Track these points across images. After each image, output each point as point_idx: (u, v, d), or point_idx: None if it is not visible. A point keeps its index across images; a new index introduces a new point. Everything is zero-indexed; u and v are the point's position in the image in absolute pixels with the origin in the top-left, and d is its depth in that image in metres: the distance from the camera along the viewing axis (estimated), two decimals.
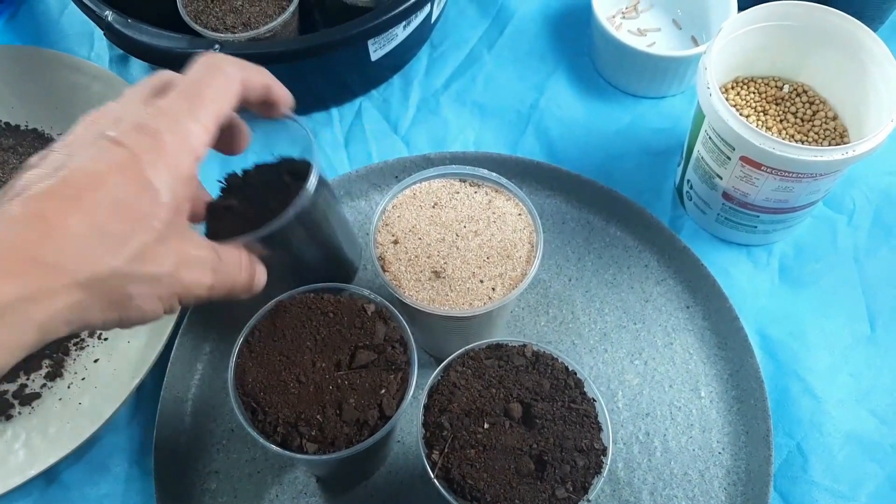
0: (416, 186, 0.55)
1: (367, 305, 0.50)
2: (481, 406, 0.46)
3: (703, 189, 0.64)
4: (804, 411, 0.60)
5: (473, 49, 0.78)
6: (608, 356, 0.62)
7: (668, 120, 0.73)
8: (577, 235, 0.67)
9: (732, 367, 0.61)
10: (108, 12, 0.64)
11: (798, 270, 0.66)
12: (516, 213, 0.53)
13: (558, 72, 0.77)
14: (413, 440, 0.59)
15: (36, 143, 0.72)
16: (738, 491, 0.57)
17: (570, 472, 0.44)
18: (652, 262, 0.66)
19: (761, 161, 0.56)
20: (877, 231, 0.67)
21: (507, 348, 0.49)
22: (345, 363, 0.48)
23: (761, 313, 0.64)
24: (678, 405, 0.60)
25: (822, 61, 0.62)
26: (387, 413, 0.47)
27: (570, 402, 0.47)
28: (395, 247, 0.52)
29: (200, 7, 0.68)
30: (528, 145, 0.73)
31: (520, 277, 0.51)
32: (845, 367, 0.62)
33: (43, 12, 0.82)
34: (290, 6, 0.68)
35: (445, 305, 0.51)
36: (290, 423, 0.46)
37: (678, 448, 0.59)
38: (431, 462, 0.45)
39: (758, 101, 0.64)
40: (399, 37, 0.69)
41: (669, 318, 0.63)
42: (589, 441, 0.45)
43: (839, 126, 0.63)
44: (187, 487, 0.58)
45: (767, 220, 0.62)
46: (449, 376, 0.48)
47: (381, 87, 0.76)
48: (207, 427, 0.60)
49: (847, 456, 0.58)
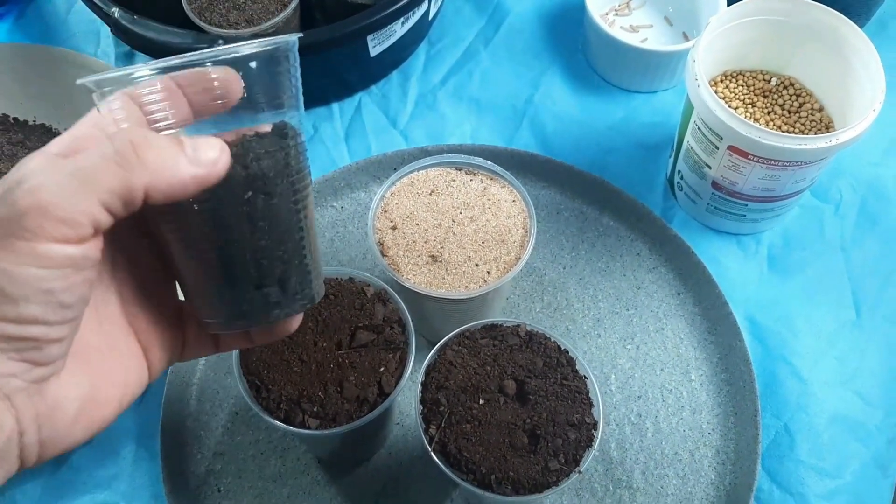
0: (413, 175, 0.56)
1: (366, 288, 0.52)
2: (477, 383, 0.48)
3: (693, 179, 0.66)
4: (791, 393, 0.62)
5: (470, 46, 0.80)
6: (601, 341, 0.64)
7: (659, 114, 0.75)
8: (571, 225, 0.69)
9: (722, 351, 0.63)
10: (114, 9, 0.66)
11: (786, 259, 0.68)
12: (510, 200, 0.55)
13: (553, 68, 0.79)
14: (412, 422, 0.61)
15: (44, 137, 0.74)
16: (727, 470, 0.59)
17: (562, 445, 0.46)
18: (644, 250, 0.68)
19: (748, 150, 0.57)
20: (862, 221, 0.69)
21: (501, 328, 0.51)
22: (345, 343, 0.50)
23: (750, 300, 0.66)
24: (669, 388, 0.62)
25: (809, 55, 0.64)
26: (386, 390, 0.49)
27: (562, 378, 0.48)
28: (394, 232, 0.54)
29: (204, 4, 0.70)
30: (523, 139, 0.75)
31: (514, 261, 0.53)
32: (831, 351, 0.63)
33: (50, 11, 0.84)
34: (292, 3, 0.70)
35: (442, 288, 0.53)
36: (292, 400, 0.48)
37: (669, 429, 0.60)
38: (429, 436, 0.47)
39: (746, 93, 0.66)
40: (397, 33, 0.71)
41: (661, 305, 0.65)
42: (580, 416, 0.47)
43: (825, 117, 0.64)
44: (193, 468, 0.60)
45: (755, 208, 0.64)
46: (445, 355, 0.49)
47: (380, 83, 0.78)
48: (212, 410, 0.62)
49: (832, 436, 0.60)
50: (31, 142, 0.73)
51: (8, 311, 0.29)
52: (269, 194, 0.35)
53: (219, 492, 0.59)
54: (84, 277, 0.31)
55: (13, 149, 0.72)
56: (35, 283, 0.29)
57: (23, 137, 0.74)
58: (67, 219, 0.29)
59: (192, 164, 0.32)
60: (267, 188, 0.35)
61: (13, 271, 0.29)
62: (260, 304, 0.37)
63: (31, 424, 0.32)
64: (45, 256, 0.29)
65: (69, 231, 0.29)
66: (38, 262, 0.29)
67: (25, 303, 0.29)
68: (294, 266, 0.37)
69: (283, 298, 0.37)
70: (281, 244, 0.36)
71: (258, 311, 0.37)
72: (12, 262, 0.29)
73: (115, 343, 0.36)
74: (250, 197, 0.34)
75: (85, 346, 0.34)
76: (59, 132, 0.75)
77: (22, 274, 0.29)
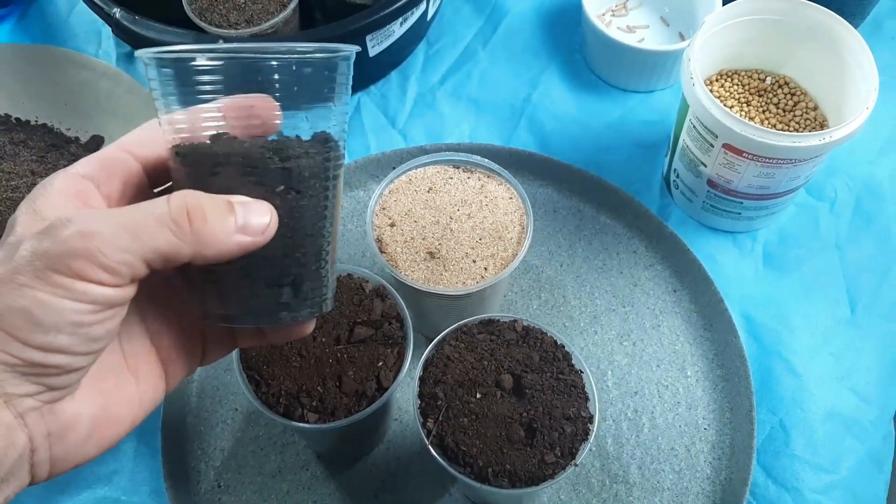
0: (411, 172, 0.57)
1: (364, 283, 0.52)
2: (474, 377, 0.49)
3: (689, 177, 0.66)
4: (787, 389, 0.62)
5: (468, 46, 0.81)
6: (598, 337, 0.64)
7: (656, 113, 0.76)
8: (568, 223, 0.69)
9: (717, 348, 0.63)
10: (116, 9, 0.66)
11: (782, 256, 0.68)
12: (507, 197, 0.56)
13: (551, 68, 0.79)
14: (411, 418, 0.61)
15: (46, 137, 0.74)
16: (722, 465, 0.59)
17: (558, 438, 0.47)
18: (640, 248, 0.68)
19: (742, 147, 0.58)
20: (857, 219, 0.70)
21: (498, 323, 0.51)
22: (344, 338, 0.50)
23: (746, 297, 0.66)
24: (665, 384, 0.62)
25: (804, 54, 0.65)
26: (384, 385, 0.49)
27: (558, 373, 0.49)
28: (392, 229, 0.55)
29: (205, 5, 0.70)
30: (521, 139, 0.75)
31: (511, 257, 0.54)
32: (826, 347, 0.64)
33: (52, 12, 0.84)
34: (291, 3, 0.70)
35: (440, 284, 0.53)
36: (291, 394, 0.49)
37: (665, 424, 0.61)
38: (426, 430, 0.48)
39: (741, 92, 0.67)
40: (396, 33, 0.72)
41: (657, 302, 0.66)
42: (576, 409, 0.48)
43: (819, 116, 0.65)
44: (193, 464, 0.60)
45: (751, 206, 0.65)
46: (443, 350, 0.50)
47: (379, 83, 0.79)
48: (213, 407, 0.62)
49: (828, 432, 0.61)
50: (32, 141, 0.74)
51: (37, 338, 0.30)
52: (301, 193, 0.35)
53: (219, 487, 0.59)
54: (115, 313, 0.32)
55: (15, 148, 0.73)
56: (68, 316, 0.30)
57: (25, 137, 0.74)
58: (110, 268, 0.30)
59: (241, 232, 0.33)
60: (299, 186, 0.35)
61: (49, 301, 0.30)
62: (269, 303, 0.37)
63: (42, 442, 0.32)
64: (82, 293, 0.30)
65: (109, 278, 0.31)
66: (74, 297, 0.30)
67: (56, 333, 0.30)
68: (310, 271, 0.37)
69: (294, 301, 0.37)
70: (301, 246, 0.36)
71: (266, 309, 0.37)
72: (49, 293, 0.30)
73: (134, 364, 0.37)
74: (282, 191, 0.35)
75: (102, 367, 0.35)
76: (60, 132, 0.75)
77: (57, 305, 0.30)
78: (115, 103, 0.74)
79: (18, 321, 0.30)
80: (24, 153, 0.73)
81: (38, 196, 0.34)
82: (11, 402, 0.31)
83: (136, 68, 0.80)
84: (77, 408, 0.33)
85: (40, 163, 0.71)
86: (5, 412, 0.31)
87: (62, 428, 0.33)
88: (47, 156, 0.73)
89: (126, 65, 0.80)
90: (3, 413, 0.31)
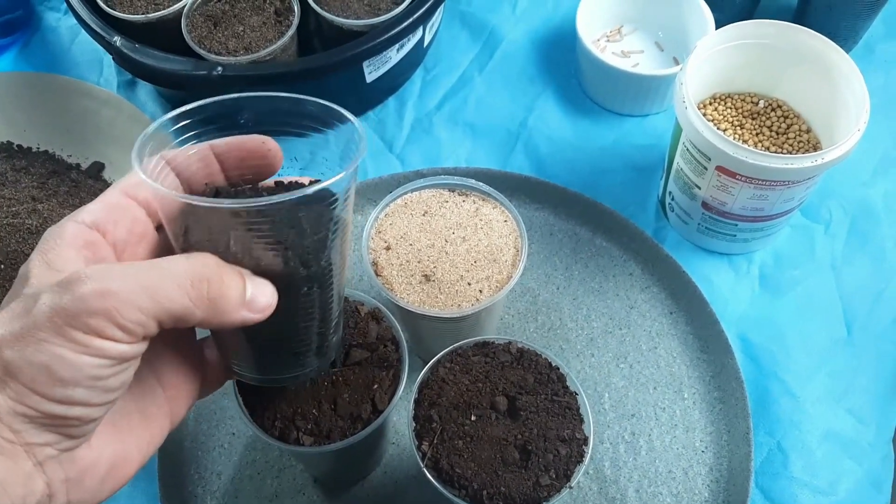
0: (407, 196, 0.58)
1: (360, 306, 0.52)
2: (468, 399, 0.49)
3: (684, 200, 0.67)
4: (784, 411, 0.62)
5: (465, 72, 0.82)
6: (595, 360, 0.64)
7: (651, 137, 0.77)
8: (564, 246, 0.70)
9: (714, 370, 0.63)
10: (116, 38, 0.67)
11: (777, 278, 0.69)
12: (502, 220, 0.56)
13: (546, 93, 0.80)
14: (407, 442, 0.61)
15: (47, 164, 0.75)
16: (720, 487, 0.59)
17: (553, 460, 0.47)
18: (636, 270, 0.68)
19: (736, 170, 0.59)
20: (853, 240, 0.70)
21: (493, 345, 0.51)
22: (339, 360, 0.50)
23: (742, 319, 0.67)
24: (662, 406, 0.62)
25: (796, 78, 0.66)
26: (379, 407, 0.49)
27: (552, 394, 0.49)
28: (388, 252, 0.55)
29: (204, 32, 0.71)
30: (517, 162, 0.76)
31: (506, 280, 0.54)
32: (823, 368, 0.64)
33: (55, 41, 0.86)
34: (289, 31, 0.71)
35: (435, 307, 0.54)
36: (287, 417, 0.49)
37: (663, 447, 0.61)
38: (421, 453, 0.48)
39: (734, 115, 0.67)
40: (393, 59, 0.73)
41: (654, 324, 0.66)
42: (571, 431, 0.48)
43: (812, 138, 0.66)
44: (190, 488, 0.60)
45: (745, 228, 0.65)
46: (438, 372, 0.50)
47: (376, 109, 0.80)
48: (209, 431, 0.62)
49: (826, 453, 0.61)
50: (34, 168, 0.75)
51: (56, 392, 0.31)
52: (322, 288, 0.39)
53: None
54: (130, 365, 0.34)
55: (16, 174, 0.74)
56: (86, 371, 0.32)
57: (26, 164, 0.75)
58: (126, 327, 0.32)
59: (246, 308, 0.35)
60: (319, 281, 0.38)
61: (68, 357, 0.31)
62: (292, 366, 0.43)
63: (60, 487, 0.34)
64: (99, 349, 0.32)
65: (124, 336, 0.32)
66: (92, 353, 0.32)
67: (74, 387, 0.32)
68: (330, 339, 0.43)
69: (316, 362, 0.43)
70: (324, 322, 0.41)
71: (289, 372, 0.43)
72: (69, 350, 0.31)
73: (143, 405, 0.38)
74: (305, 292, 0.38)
75: (115, 413, 0.36)
76: (61, 158, 0.76)
77: (76, 361, 0.31)
78: (117, 130, 0.75)
79: (39, 376, 0.31)
80: (25, 179, 0.73)
81: (49, 248, 0.35)
82: (31, 451, 0.32)
83: (137, 96, 0.81)
84: (93, 453, 0.35)
85: (41, 189, 0.72)
86: (26, 461, 0.32)
87: (79, 473, 0.34)
88: (48, 182, 0.73)
89: (127, 92, 0.81)
90: (24, 462, 0.32)
